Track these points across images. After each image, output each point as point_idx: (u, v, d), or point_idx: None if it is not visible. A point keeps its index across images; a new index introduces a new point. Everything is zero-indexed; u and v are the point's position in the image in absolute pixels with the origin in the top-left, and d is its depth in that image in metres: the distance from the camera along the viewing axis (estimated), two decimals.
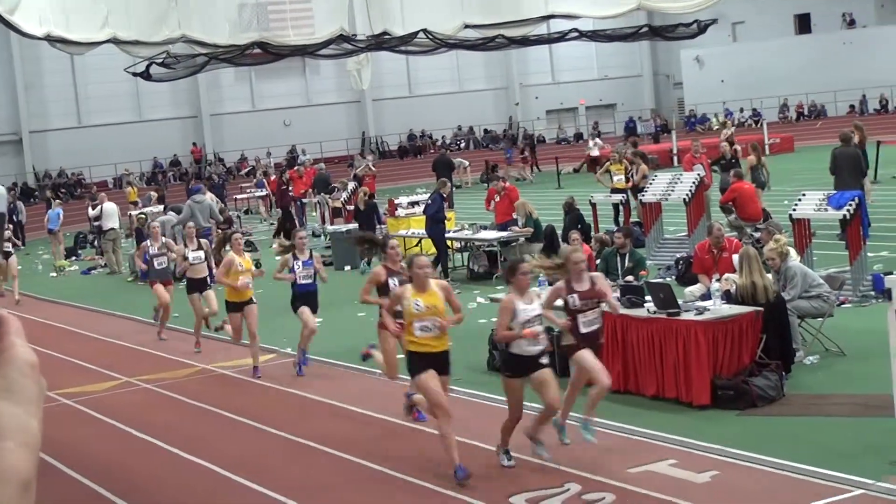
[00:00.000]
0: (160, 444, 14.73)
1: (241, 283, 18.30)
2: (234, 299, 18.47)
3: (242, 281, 18.34)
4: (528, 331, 11.80)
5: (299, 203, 42.00)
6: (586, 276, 12.90)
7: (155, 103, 67.27)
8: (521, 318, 11.86)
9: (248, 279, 18.46)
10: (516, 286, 12.20)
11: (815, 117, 71.36)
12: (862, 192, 21.81)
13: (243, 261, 18.56)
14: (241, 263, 18.38)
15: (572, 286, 12.68)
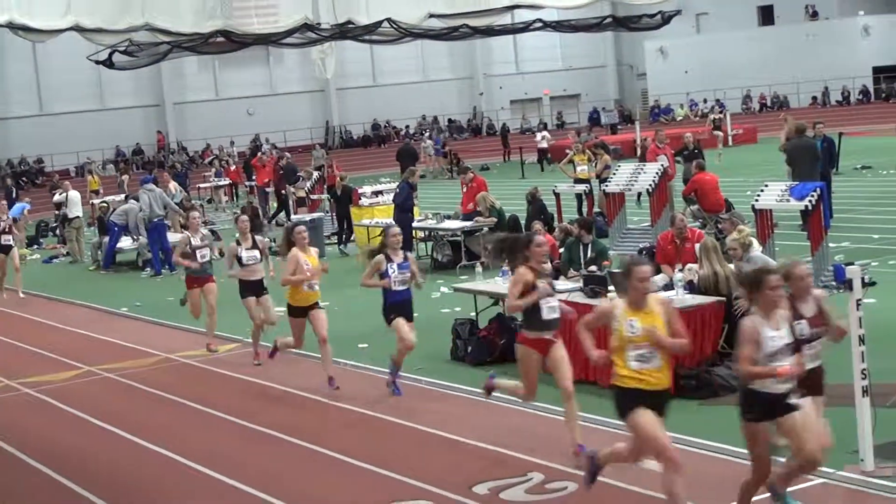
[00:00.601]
0: (122, 433, 14.65)
1: (307, 281, 16.12)
2: (298, 303, 16.23)
3: (309, 274, 16.10)
4: (783, 369, 9.21)
5: (262, 192, 41.87)
6: (812, 296, 10.27)
7: (117, 91, 66.91)
8: (768, 350, 9.22)
9: (315, 280, 16.23)
10: (763, 304, 9.40)
11: (778, 108, 71.62)
12: (824, 183, 21.91)
13: (309, 257, 16.28)
14: (306, 261, 16.14)
15: (797, 309, 10.01)
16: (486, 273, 19.59)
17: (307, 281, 15.99)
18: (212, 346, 19.34)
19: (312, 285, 16.08)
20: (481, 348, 16.50)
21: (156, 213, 29.50)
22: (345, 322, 20.74)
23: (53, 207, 40.28)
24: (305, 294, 16.06)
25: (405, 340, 14.86)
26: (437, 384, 15.53)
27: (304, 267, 15.95)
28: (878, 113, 64.88)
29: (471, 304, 17.97)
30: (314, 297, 16.20)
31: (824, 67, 69.33)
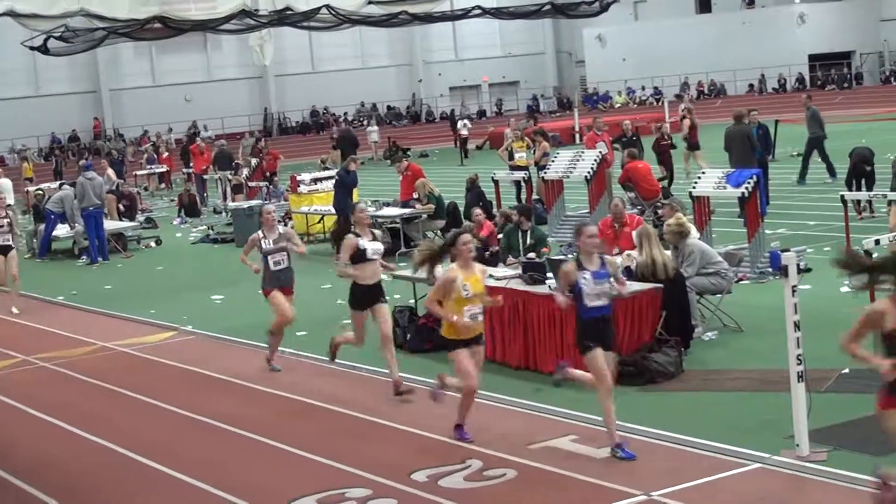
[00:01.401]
0: (58, 422, 14.54)
1: (466, 316, 11.77)
2: (458, 335, 11.94)
3: (471, 311, 11.81)
4: None
5: (200, 179, 41.64)
6: None
7: (53, 77, 66.36)
8: None
9: (478, 309, 11.89)
10: None
11: (715, 96, 72.09)
12: (760, 169, 22.05)
13: (471, 278, 11.83)
14: (466, 284, 11.75)
15: None
16: None
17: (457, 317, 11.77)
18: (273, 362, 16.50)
19: (476, 315, 11.81)
20: (420, 336, 16.49)
21: (93, 201, 29.23)
22: None
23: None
24: (466, 326, 11.79)
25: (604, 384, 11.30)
26: (376, 372, 15.50)
27: (463, 293, 11.74)
28: (814, 100, 65.32)
29: (410, 291, 17.96)
30: (479, 330, 12.03)
31: (761, 55, 69.89)
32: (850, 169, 24.80)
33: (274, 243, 15.95)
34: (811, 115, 31.29)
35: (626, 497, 10.07)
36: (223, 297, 22.73)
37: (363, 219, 14.73)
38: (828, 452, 10.49)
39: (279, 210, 33.37)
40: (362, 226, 14.56)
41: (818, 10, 71.32)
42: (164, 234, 33.50)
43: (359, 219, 14.68)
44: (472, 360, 11.98)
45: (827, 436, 10.91)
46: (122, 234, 31.46)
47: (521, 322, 14.85)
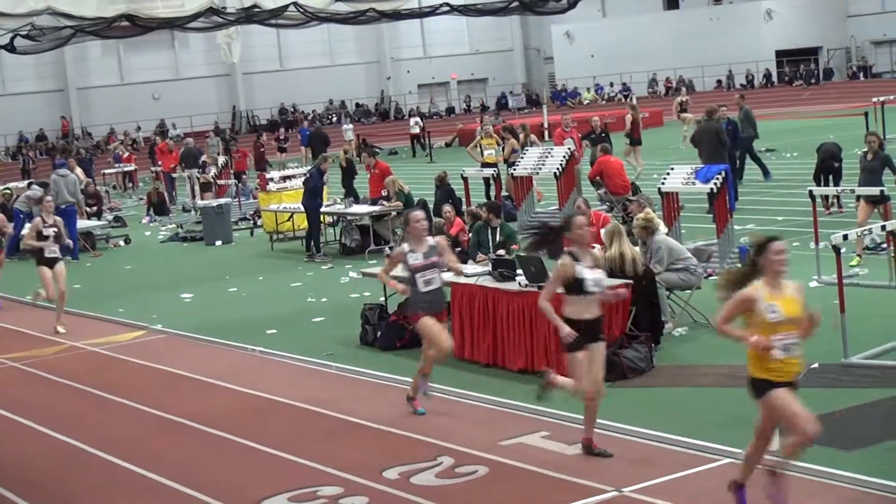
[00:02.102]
0: (27, 422, 14.48)
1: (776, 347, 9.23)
2: (771, 374, 9.35)
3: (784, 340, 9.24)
4: None
5: (169, 177, 41.51)
6: None
7: (19, 76, 66.02)
8: None
9: (793, 339, 9.29)
10: None
11: (674, 91, 72.30)
12: (729, 165, 22.14)
13: (782, 299, 9.30)
14: (772, 305, 9.23)
15: None
16: None
17: None
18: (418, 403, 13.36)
19: (789, 347, 9.23)
20: (391, 333, 16.48)
21: (66, 199, 29.11)
22: (253, 308, 20.68)
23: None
24: (780, 362, 9.22)
25: None
26: (347, 369, 15.49)
27: (770, 315, 9.17)
28: (782, 96, 65.79)
29: (379, 288, 17.95)
30: (794, 369, 9.39)
31: (728, 51, 70.17)
32: (818, 164, 24.90)
33: (424, 257, 12.78)
34: (744, 115, 31.37)
35: (597, 493, 10.09)
36: (192, 295, 22.68)
37: (581, 236, 11.13)
38: None
39: (247, 208, 33.49)
40: (581, 244, 11.08)
41: (785, 5, 71.60)
42: (133, 232, 33.39)
43: (577, 236, 11.10)
44: None
45: None
46: (90, 232, 31.32)
47: (491, 319, 14.85)
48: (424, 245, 12.78)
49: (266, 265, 25.78)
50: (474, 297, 15.02)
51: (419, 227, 12.77)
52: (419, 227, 12.76)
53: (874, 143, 20.34)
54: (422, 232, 12.80)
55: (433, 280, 12.81)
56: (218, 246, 29.57)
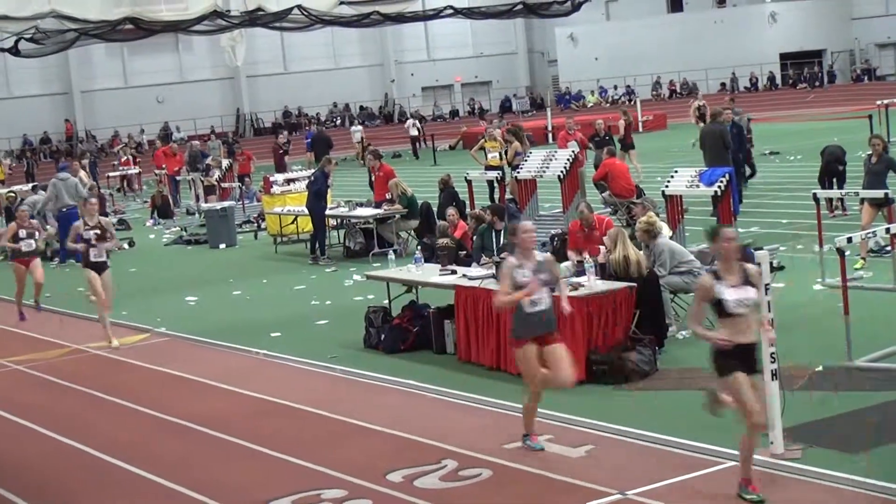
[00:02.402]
0: (31, 425, 14.48)
1: None
2: None
3: None
4: None
5: (174, 181, 41.52)
6: None
7: (24, 79, 66.05)
8: None
9: None
10: None
11: (688, 95, 72.25)
12: (732, 168, 22.10)
13: None
14: None
15: None
16: (398, 260, 19.57)
17: None
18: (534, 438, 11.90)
19: None
20: (395, 336, 16.47)
21: (66, 202, 29.13)
22: (257, 311, 20.68)
23: None
24: None
25: None
26: (351, 372, 15.49)
27: None
28: (786, 99, 65.77)
29: (384, 291, 17.95)
30: None
31: (732, 54, 70.15)
32: (823, 167, 24.87)
33: (534, 274, 11.33)
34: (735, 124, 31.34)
35: (601, 496, 10.07)
36: (196, 298, 22.68)
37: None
38: (802, 450, 10.53)
39: (251, 210, 33.50)
40: (726, 260, 10.00)
41: (789, 8, 71.59)
42: (137, 235, 33.40)
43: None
44: None
45: (801, 433, 10.95)
46: None
47: (495, 322, 14.83)
48: (533, 260, 11.41)
49: (270, 268, 25.78)
50: (478, 300, 15.00)
51: (528, 239, 11.42)
52: (528, 240, 11.42)
53: (878, 146, 20.29)
54: (531, 245, 11.49)
55: (541, 300, 11.32)
56: (222, 249, 29.57)
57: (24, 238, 21.66)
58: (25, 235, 21.71)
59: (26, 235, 21.72)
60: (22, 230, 21.73)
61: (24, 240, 21.66)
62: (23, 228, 21.77)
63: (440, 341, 16.04)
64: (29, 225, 22.05)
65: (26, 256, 21.81)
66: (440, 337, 16.03)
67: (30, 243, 21.68)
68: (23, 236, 21.65)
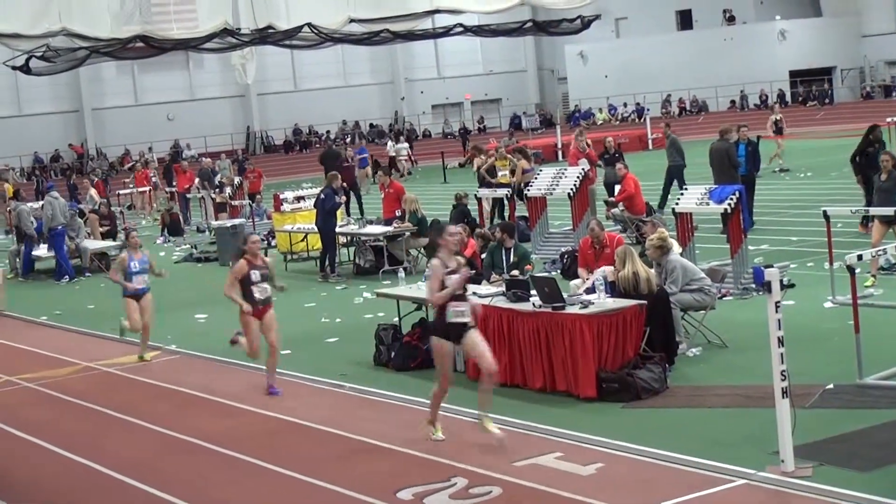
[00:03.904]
0: (42, 442, 14.49)
1: None
2: None
3: None
4: None
5: (184, 198, 41.60)
6: None
7: (35, 97, 66.25)
8: None
9: None
10: None
11: (697, 112, 72.29)
12: (743, 186, 22.09)
13: None
14: None
15: None
16: (408, 278, 19.58)
17: None
18: None
19: None
20: (405, 354, 16.48)
21: (60, 220, 29.39)
22: None
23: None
24: None
25: None
26: (361, 390, 15.49)
27: None
28: (796, 116, 65.66)
29: (394, 309, 17.96)
30: None
31: (742, 71, 70.16)
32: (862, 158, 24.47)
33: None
34: (671, 143, 31.35)
35: None
36: (206, 315, 22.70)
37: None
38: (813, 468, 10.51)
39: (262, 228, 33.54)
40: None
41: (799, 26, 71.58)
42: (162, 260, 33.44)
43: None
44: None
45: (812, 451, 10.93)
46: (105, 253, 31.41)
47: (506, 339, 14.84)
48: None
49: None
50: (489, 318, 14.99)
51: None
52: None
53: (888, 164, 20.23)
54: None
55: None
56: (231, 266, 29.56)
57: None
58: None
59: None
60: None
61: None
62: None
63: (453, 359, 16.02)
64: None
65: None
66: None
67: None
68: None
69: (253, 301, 15.61)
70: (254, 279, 15.61)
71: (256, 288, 15.63)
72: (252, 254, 15.73)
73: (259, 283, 15.67)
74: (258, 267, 15.72)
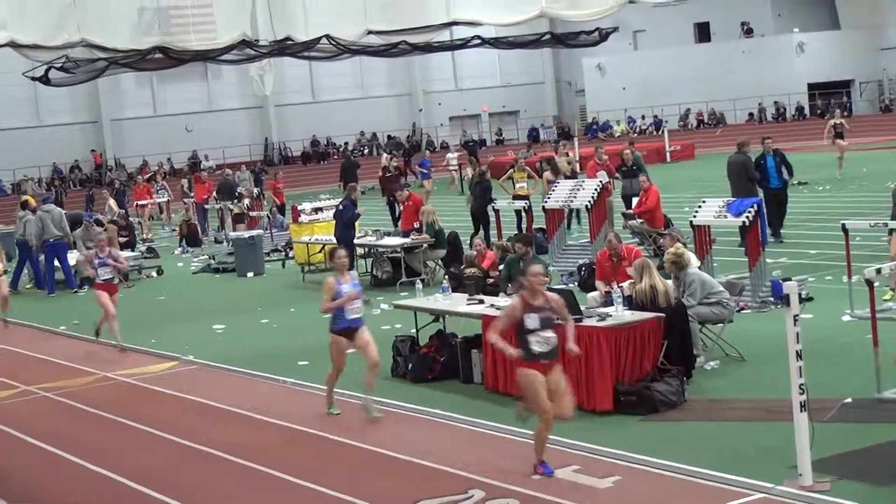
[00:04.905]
0: (59, 452, 14.52)
1: None
2: None
3: None
4: None
5: (202, 209, 41.69)
6: None
7: (54, 108, 66.43)
8: None
9: None
10: None
11: (715, 125, 72.19)
12: (759, 198, 22.05)
13: None
14: None
15: None
16: (426, 290, 19.56)
17: None
18: None
19: None
20: (422, 365, 16.48)
21: (53, 233, 29.55)
22: (284, 339, 20.71)
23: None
24: None
25: None
26: (378, 401, 15.47)
27: None
28: (814, 129, 65.42)
29: (411, 320, 17.95)
30: None
31: (760, 84, 70.04)
32: None
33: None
34: (634, 162, 31.28)
35: None
36: (224, 326, 22.73)
37: None
38: (831, 482, 10.47)
39: (279, 239, 33.59)
40: None
41: (817, 38, 71.43)
42: (165, 263, 33.52)
43: None
44: None
45: (830, 466, 10.90)
46: None
47: None
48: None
49: (297, 296, 25.82)
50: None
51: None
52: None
53: None
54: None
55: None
56: (250, 277, 29.66)
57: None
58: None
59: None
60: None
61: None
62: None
63: (467, 371, 16.04)
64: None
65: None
66: (467, 366, 16.04)
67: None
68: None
69: (530, 353, 11.64)
70: (530, 325, 11.62)
71: (535, 338, 11.61)
72: (531, 290, 11.76)
73: (539, 330, 11.60)
74: (538, 308, 11.70)
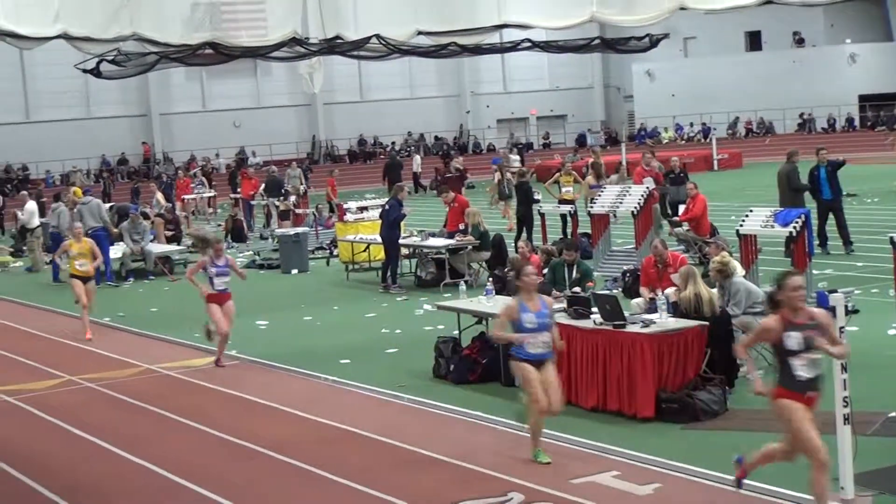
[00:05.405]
0: (102, 443, 14.60)
1: None
2: None
3: None
4: None
5: (248, 204, 41.84)
6: None
7: (104, 100, 66.79)
8: None
9: None
10: None
11: (764, 134, 71.84)
12: (807, 209, 21.94)
13: None
14: None
15: None
16: (469, 291, 19.57)
17: None
18: None
19: None
20: (464, 367, 16.48)
21: (90, 224, 29.74)
22: (327, 337, 20.76)
23: None
24: None
25: None
26: (419, 402, 15.50)
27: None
28: (864, 141, 65.11)
29: (454, 322, 17.96)
30: None
31: (811, 94, 69.63)
32: None
33: None
34: None
35: None
36: (268, 322, 22.80)
37: None
38: (873, 497, 10.42)
39: (324, 237, 33.68)
40: None
41: (869, 50, 70.97)
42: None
43: None
44: None
45: (872, 480, 10.83)
46: (168, 257, 31.68)
47: (565, 356, 14.78)
48: None
49: (341, 295, 25.89)
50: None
51: None
52: None
53: None
54: None
55: None
56: (294, 274, 29.75)
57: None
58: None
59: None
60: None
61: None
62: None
63: (509, 373, 16.01)
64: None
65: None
66: (509, 369, 16.01)
67: None
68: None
69: (795, 383, 10.00)
70: (792, 345, 9.88)
71: (799, 360, 9.91)
72: (791, 307, 9.92)
73: (804, 351, 9.87)
74: (801, 327, 9.88)
